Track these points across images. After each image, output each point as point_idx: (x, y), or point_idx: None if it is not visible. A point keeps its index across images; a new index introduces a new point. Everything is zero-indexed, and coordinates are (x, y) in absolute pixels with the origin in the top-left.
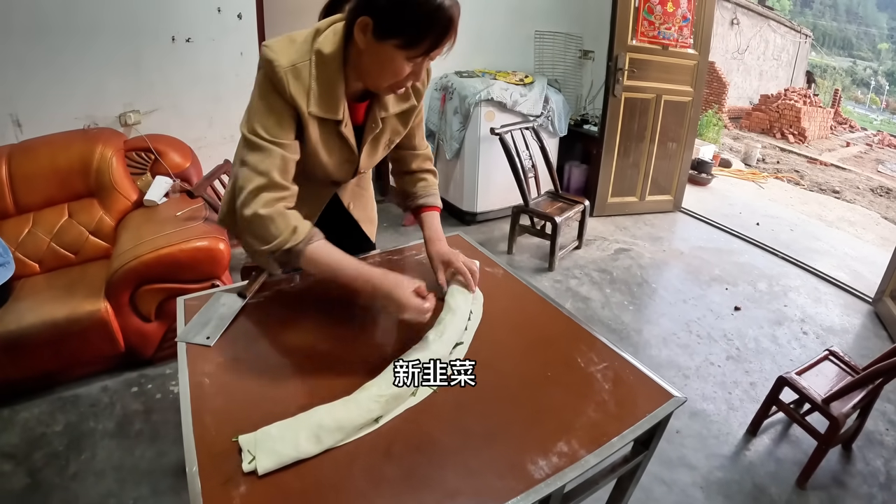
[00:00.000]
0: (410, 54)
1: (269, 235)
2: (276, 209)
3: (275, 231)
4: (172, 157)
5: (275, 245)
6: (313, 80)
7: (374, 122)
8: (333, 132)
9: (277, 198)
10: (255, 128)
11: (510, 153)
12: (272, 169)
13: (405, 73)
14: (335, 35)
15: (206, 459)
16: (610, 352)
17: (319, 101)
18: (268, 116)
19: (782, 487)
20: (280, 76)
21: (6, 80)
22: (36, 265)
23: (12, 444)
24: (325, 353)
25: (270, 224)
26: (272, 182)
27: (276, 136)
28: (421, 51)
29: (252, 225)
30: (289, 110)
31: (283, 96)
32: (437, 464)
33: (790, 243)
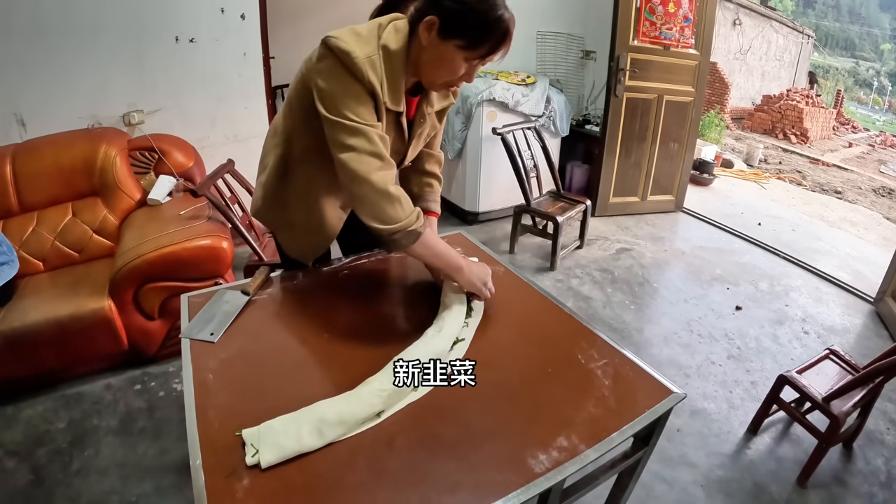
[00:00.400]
0: (469, 55)
1: (398, 214)
2: (400, 190)
3: (401, 213)
4: (176, 157)
5: (401, 225)
6: (383, 73)
7: (422, 116)
8: (394, 123)
9: (393, 175)
10: (346, 112)
11: (512, 153)
12: (380, 148)
13: (460, 72)
14: (398, 32)
15: (209, 453)
16: (610, 349)
17: (390, 93)
18: (356, 102)
19: (783, 486)
20: (360, 66)
21: (10, 79)
22: (40, 263)
23: (16, 441)
24: (327, 348)
25: (399, 205)
26: (387, 161)
27: (366, 118)
28: (479, 53)
29: (382, 202)
30: (369, 98)
31: (363, 84)
32: (438, 458)
33: (792, 243)
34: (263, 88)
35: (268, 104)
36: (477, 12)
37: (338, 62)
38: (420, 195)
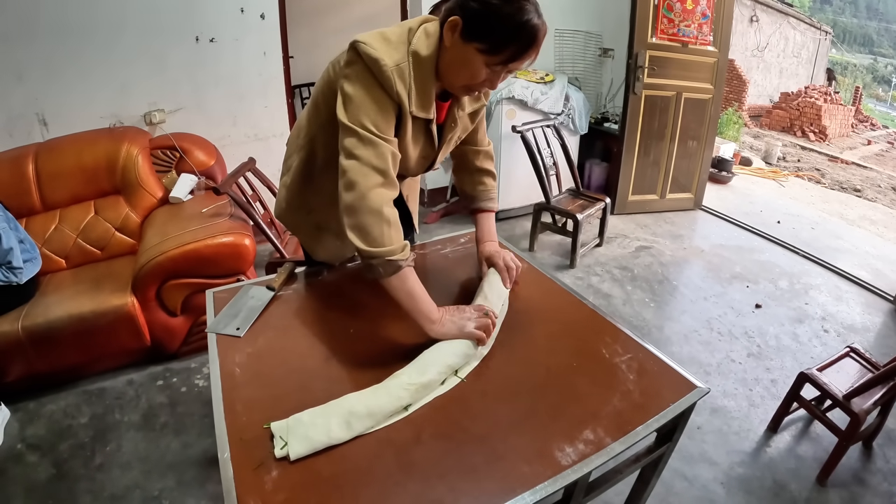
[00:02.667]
0: (490, 60)
1: (382, 239)
2: (393, 214)
3: (388, 239)
4: (197, 155)
5: (383, 251)
6: (412, 80)
7: (453, 120)
8: (423, 130)
9: (392, 196)
10: (364, 122)
11: (531, 151)
12: (388, 166)
13: (481, 77)
14: (428, 37)
15: (237, 446)
16: (634, 343)
17: (418, 101)
18: (376, 111)
19: (803, 484)
20: (388, 75)
21: (32, 80)
22: (62, 261)
23: (39, 435)
24: (353, 342)
25: (388, 229)
26: (389, 179)
27: (383, 131)
28: (500, 59)
29: (369, 219)
30: (393, 107)
31: (390, 94)
32: (465, 450)
33: (811, 241)
34: (283, 87)
35: (287, 103)
36: (501, 15)
37: (366, 69)
38: (475, 195)
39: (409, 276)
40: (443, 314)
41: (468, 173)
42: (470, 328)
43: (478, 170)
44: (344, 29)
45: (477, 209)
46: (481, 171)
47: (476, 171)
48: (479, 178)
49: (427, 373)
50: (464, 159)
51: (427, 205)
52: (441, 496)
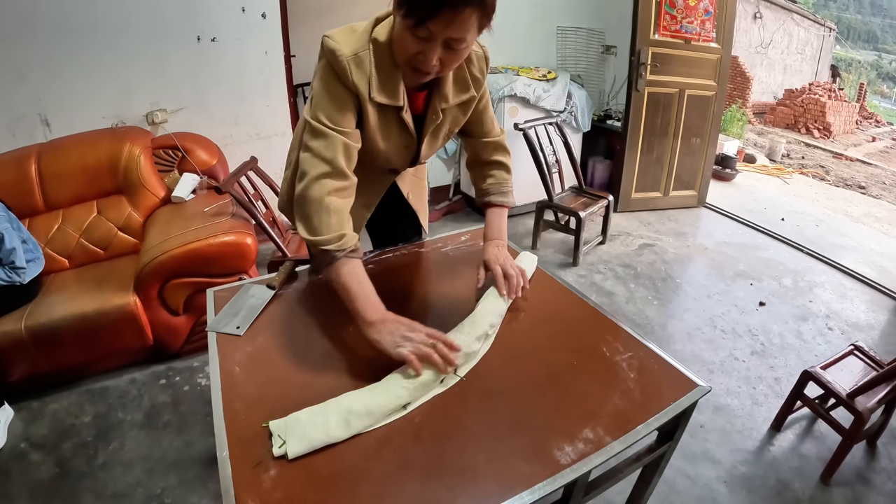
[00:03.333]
0: (408, 23)
1: (319, 227)
2: (337, 203)
3: (325, 227)
4: (199, 155)
5: (318, 240)
6: (373, 67)
7: (434, 113)
8: (394, 118)
9: (340, 187)
10: (318, 115)
11: (534, 148)
12: (336, 156)
13: (413, 49)
14: (390, 24)
15: (236, 445)
16: (635, 342)
17: (381, 88)
18: (330, 104)
19: (806, 483)
20: (343, 65)
21: (35, 80)
22: (65, 260)
23: (41, 434)
24: (352, 341)
25: (326, 217)
26: (336, 169)
27: (338, 123)
28: (414, 20)
29: (310, 208)
30: (351, 98)
31: (346, 84)
32: (464, 449)
33: (815, 239)
34: (285, 86)
35: (289, 102)
36: None
37: (326, 62)
38: (486, 189)
39: (343, 269)
40: (386, 321)
41: (479, 166)
42: (403, 351)
43: (488, 162)
44: None
45: (487, 203)
46: (491, 163)
47: (486, 163)
48: (490, 171)
49: (426, 372)
50: (473, 152)
51: (429, 203)
52: (439, 495)
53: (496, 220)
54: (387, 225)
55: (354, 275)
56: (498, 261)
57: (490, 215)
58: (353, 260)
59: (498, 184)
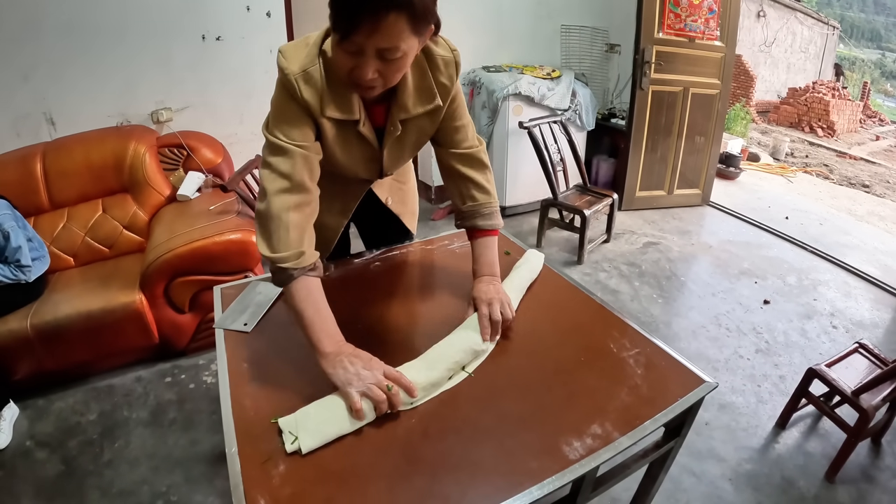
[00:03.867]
0: (336, 38)
1: (277, 244)
2: (297, 219)
3: (283, 244)
4: (204, 153)
5: (275, 257)
6: (324, 81)
7: (393, 125)
8: (351, 132)
9: (301, 202)
10: (274, 131)
11: (539, 147)
12: (295, 170)
13: (347, 65)
14: None
15: (245, 441)
16: (642, 338)
17: (334, 102)
18: (284, 120)
19: (811, 481)
20: (291, 82)
21: (39, 79)
22: (70, 259)
23: (47, 432)
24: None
25: (284, 233)
26: (296, 184)
27: (295, 138)
28: (339, 36)
29: (270, 223)
30: (304, 114)
31: (297, 101)
32: (473, 444)
33: (819, 237)
34: None
35: None
36: None
37: (278, 78)
38: (469, 212)
39: (300, 291)
40: (341, 355)
41: (453, 181)
42: (353, 392)
43: (463, 177)
44: None
45: (472, 228)
46: (467, 179)
47: (461, 178)
48: (468, 190)
49: (435, 369)
50: (444, 164)
51: (434, 201)
52: (448, 491)
53: (486, 252)
54: (372, 230)
55: (312, 300)
56: (486, 300)
57: (478, 247)
58: (311, 280)
59: (480, 205)
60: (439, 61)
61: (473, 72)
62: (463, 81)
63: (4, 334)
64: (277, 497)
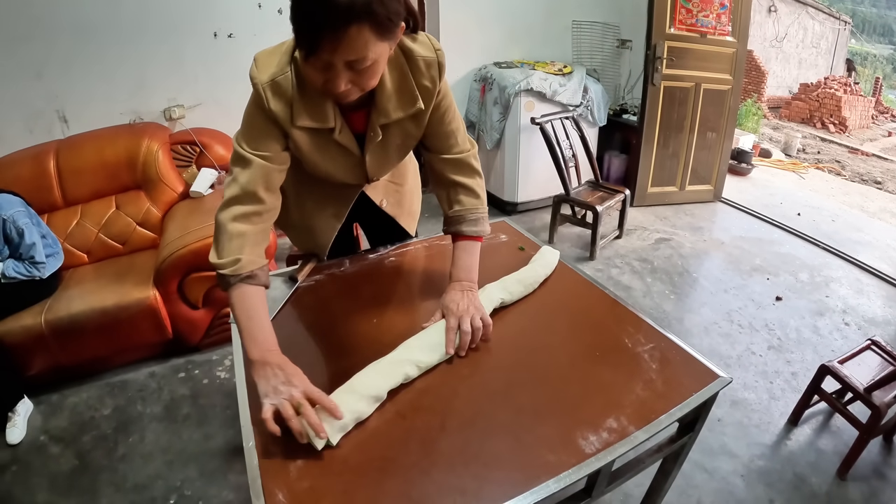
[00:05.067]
0: (302, 55)
1: (219, 250)
2: (241, 228)
3: (224, 251)
4: (217, 150)
5: (215, 263)
6: (295, 90)
7: (372, 130)
8: (329, 140)
9: (249, 212)
10: (240, 139)
11: (551, 143)
12: (251, 181)
13: (318, 80)
14: None
15: (262, 435)
16: (656, 333)
17: (306, 111)
18: (250, 130)
19: (823, 478)
20: (259, 92)
21: (52, 77)
22: (84, 255)
23: (61, 427)
24: (377, 332)
25: (226, 241)
26: (248, 193)
27: (257, 148)
28: (304, 52)
29: (217, 230)
30: (272, 124)
31: (265, 112)
32: (490, 438)
33: (832, 234)
34: None
35: None
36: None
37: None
38: (454, 217)
39: (235, 297)
40: (266, 364)
41: (442, 188)
42: (266, 404)
43: (452, 183)
44: None
45: (456, 234)
46: (456, 185)
47: (450, 184)
48: (455, 195)
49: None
50: (433, 169)
51: None
52: (465, 484)
53: (465, 257)
54: (373, 231)
55: (245, 307)
56: (457, 310)
57: (458, 251)
58: (248, 287)
59: (467, 210)
60: (420, 63)
61: (485, 68)
62: (474, 77)
63: (19, 330)
64: (295, 490)
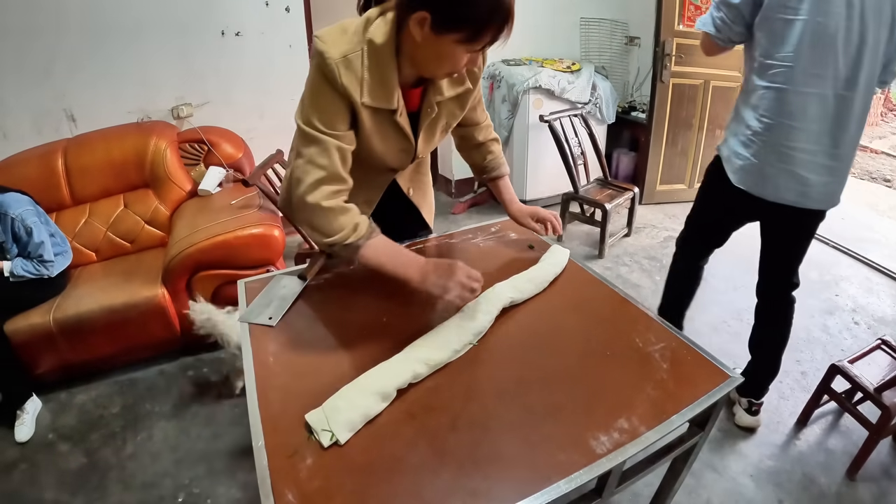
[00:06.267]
0: (470, 48)
1: (331, 229)
2: (337, 203)
3: (337, 226)
4: (225, 148)
5: (336, 239)
6: (366, 70)
7: (429, 107)
8: (388, 121)
9: (336, 190)
10: (311, 120)
11: (559, 140)
12: (331, 161)
13: (463, 63)
14: (386, 25)
15: (271, 434)
16: (667, 333)
17: (372, 91)
18: (322, 108)
19: (832, 478)
20: (332, 67)
21: (60, 76)
22: (93, 254)
23: (69, 425)
24: (387, 331)
25: (333, 218)
26: (332, 174)
27: (331, 127)
28: (481, 45)
29: (315, 216)
30: (342, 101)
31: (336, 87)
32: (500, 438)
33: (841, 232)
34: None
35: None
36: (472, 2)
37: (316, 63)
38: (488, 166)
39: (369, 253)
40: (427, 275)
41: (475, 149)
42: (451, 296)
43: (482, 143)
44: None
45: (495, 177)
46: (486, 142)
47: (481, 144)
48: (489, 148)
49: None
50: (468, 139)
51: (455, 195)
52: (476, 484)
53: (509, 186)
54: (391, 222)
55: (383, 251)
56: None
57: (503, 185)
58: (373, 240)
59: (496, 157)
60: None
61: (493, 65)
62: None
63: (27, 329)
64: (305, 490)
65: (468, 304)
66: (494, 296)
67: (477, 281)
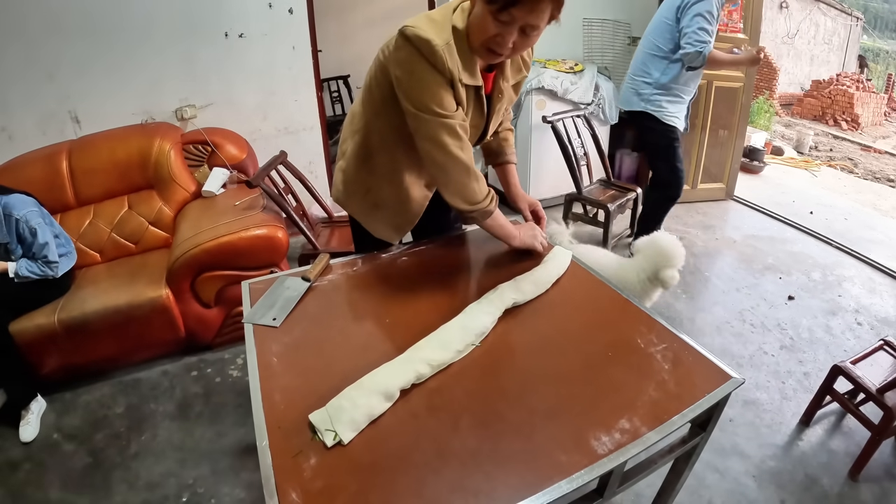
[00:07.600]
0: (492, 8)
1: (475, 196)
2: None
3: (480, 194)
4: (229, 150)
5: (479, 206)
6: (459, 52)
7: (499, 91)
8: (474, 98)
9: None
10: (432, 106)
11: (562, 141)
12: (462, 136)
13: (491, 31)
14: (464, 11)
15: (275, 434)
16: (669, 334)
17: (465, 71)
18: (438, 92)
19: (834, 479)
20: (440, 54)
21: (64, 78)
22: (97, 255)
23: (74, 425)
24: (390, 331)
25: (476, 186)
26: (466, 144)
27: (449, 109)
28: (498, 6)
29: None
30: (447, 82)
31: (442, 71)
32: (503, 438)
33: (844, 232)
34: (313, 81)
35: (317, 96)
36: None
37: (416, 52)
38: (499, 150)
39: (496, 216)
40: (522, 231)
41: (493, 134)
42: (536, 243)
43: (500, 130)
44: (372, 22)
45: (505, 161)
46: (504, 129)
47: (498, 132)
48: (503, 136)
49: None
50: None
51: None
52: (478, 484)
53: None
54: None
55: (500, 215)
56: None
57: (509, 171)
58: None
59: (509, 144)
60: None
61: None
62: None
63: (32, 329)
64: (308, 490)
65: (470, 305)
66: (497, 297)
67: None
